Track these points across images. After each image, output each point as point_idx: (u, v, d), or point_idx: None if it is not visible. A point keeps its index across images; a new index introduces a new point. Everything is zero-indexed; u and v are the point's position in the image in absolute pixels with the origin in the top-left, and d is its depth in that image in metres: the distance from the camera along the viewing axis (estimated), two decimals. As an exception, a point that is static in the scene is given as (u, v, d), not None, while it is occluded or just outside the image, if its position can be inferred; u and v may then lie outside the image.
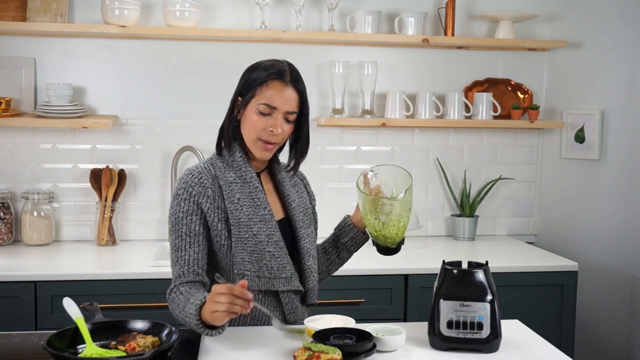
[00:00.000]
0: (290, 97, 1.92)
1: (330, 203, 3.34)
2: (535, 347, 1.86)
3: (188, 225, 1.89)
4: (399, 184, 1.95)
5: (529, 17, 3.39)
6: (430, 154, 3.51)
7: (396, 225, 1.92)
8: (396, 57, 3.45)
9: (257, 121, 1.90)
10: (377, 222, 1.93)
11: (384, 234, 1.93)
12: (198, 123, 3.30)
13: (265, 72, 1.91)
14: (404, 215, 1.92)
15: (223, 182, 1.92)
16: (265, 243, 1.92)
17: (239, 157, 1.95)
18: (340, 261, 2.17)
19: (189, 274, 1.87)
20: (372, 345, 1.71)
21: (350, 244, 2.11)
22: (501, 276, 2.52)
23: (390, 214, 1.91)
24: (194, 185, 1.91)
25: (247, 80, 1.94)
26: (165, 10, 3.10)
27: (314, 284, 2.02)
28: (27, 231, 3.13)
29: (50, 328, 2.29)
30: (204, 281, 1.90)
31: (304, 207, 2.07)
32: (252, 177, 1.95)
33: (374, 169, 1.99)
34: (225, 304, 1.66)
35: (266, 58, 2.00)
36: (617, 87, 3.18)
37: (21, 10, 3.09)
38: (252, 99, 1.91)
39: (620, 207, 3.15)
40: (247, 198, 1.92)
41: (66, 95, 3.08)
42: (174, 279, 1.89)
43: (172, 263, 1.91)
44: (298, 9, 3.20)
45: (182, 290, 1.84)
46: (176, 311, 1.83)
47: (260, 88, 1.90)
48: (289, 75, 1.92)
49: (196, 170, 1.94)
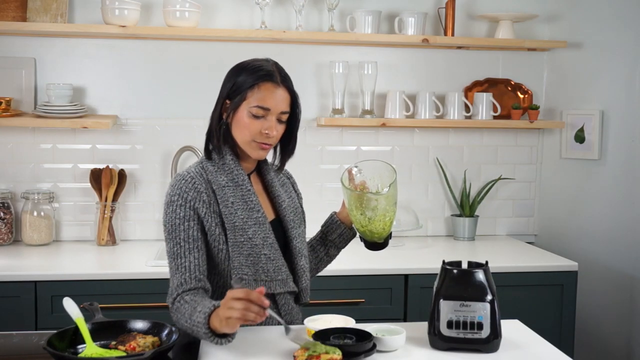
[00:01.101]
0: (282, 98, 1.91)
1: (330, 203, 3.31)
2: (535, 347, 1.86)
3: (186, 232, 1.85)
4: (384, 179, 1.95)
5: (529, 17, 3.39)
6: (430, 154, 3.51)
7: (382, 220, 1.93)
8: (396, 57, 3.45)
9: (250, 124, 1.88)
10: (363, 218, 1.93)
11: (370, 229, 1.94)
12: (198, 123, 3.30)
13: (254, 75, 1.89)
14: (390, 209, 1.93)
15: (216, 186, 1.90)
16: (260, 246, 1.90)
17: (229, 159, 1.93)
18: (329, 258, 2.16)
19: (191, 281, 1.82)
20: (372, 345, 1.71)
21: (338, 241, 2.11)
22: (501, 276, 2.52)
23: (376, 209, 1.91)
24: (188, 190, 1.87)
25: (234, 82, 1.91)
26: (165, 10, 3.10)
27: (307, 284, 2.02)
28: (27, 231, 3.13)
29: (50, 328, 2.29)
30: (206, 287, 1.85)
31: (294, 207, 2.06)
32: (244, 179, 1.93)
33: (358, 164, 1.99)
34: (239, 310, 1.60)
35: (266, 58, 2.00)
36: (617, 87, 3.18)
37: (21, 10, 3.09)
38: (242, 102, 1.89)
39: (620, 207, 3.15)
40: (240, 201, 1.90)
41: (66, 95, 3.08)
42: (175, 287, 1.83)
43: (172, 272, 1.85)
44: (298, 9, 3.20)
45: (187, 299, 1.79)
46: (181, 321, 1.78)
47: (252, 91, 1.88)
48: (279, 76, 1.91)
49: (188, 176, 1.90)
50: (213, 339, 1.69)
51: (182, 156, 3.26)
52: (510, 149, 3.58)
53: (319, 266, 2.17)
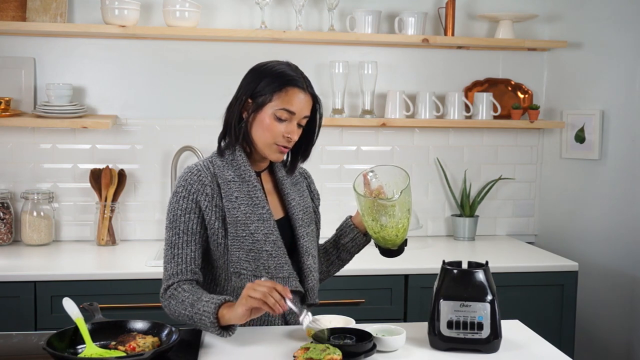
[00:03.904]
0: (307, 103, 1.93)
1: (330, 203, 3.33)
2: (535, 347, 1.86)
3: (186, 224, 1.89)
4: (399, 185, 1.92)
5: (529, 17, 3.39)
6: (430, 154, 3.51)
7: (395, 227, 1.91)
8: (396, 57, 3.45)
9: (273, 126, 1.90)
10: (375, 224, 1.91)
11: (383, 235, 1.93)
12: (198, 123, 3.30)
13: (282, 78, 1.90)
14: (403, 216, 1.91)
15: (222, 180, 1.92)
16: (262, 242, 1.91)
17: (239, 156, 1.95)
18: (340, 262, 2.16)
19: (186, 272, 1.88)
20: (372, 345, 1.71)
21: (350, 245, 2.10)
22: (501, 276, 2.52)
23: (388, 215, 1.89)
24: (193, 183, 1.91)
25: (259, 83, 1.91)
26: (165, 10, 3.10)
27: (314, 284, 2.02)
28: (27, 231, 3.13)
29: (50, 328, 2.29)
30: (200, 280, 1.91)
31: (304, 206, 2.07)
32: (251, 176, 1.94)
33: (374, 169, 1.97)
34: (262, 292, 1.67)
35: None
36: (617, 87, 3.18)
37: (21, 10, 3.09)
38: (267, 103, 1.90)
39: (620, 207, 3.15)
40: (245, 197, 1.92)
41: (66, 95, 3.08)
42: (170, 276, 1.88)
43: (167, 259, 1.90)
44: (298, 9, 3.20)
45: (186, 288, 1.85)
46: (178, 308, 1.82)
47: (279, 93, 1.89)
48: (304, 81, 1.93)
49: (195, 168, 1.94)
50: (217, 330, 1.75)
51: (182, 156, 3.26)
52: (511, 149, 3.57)
53: (330, 269, 2.16)
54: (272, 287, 1.69)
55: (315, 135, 2.03)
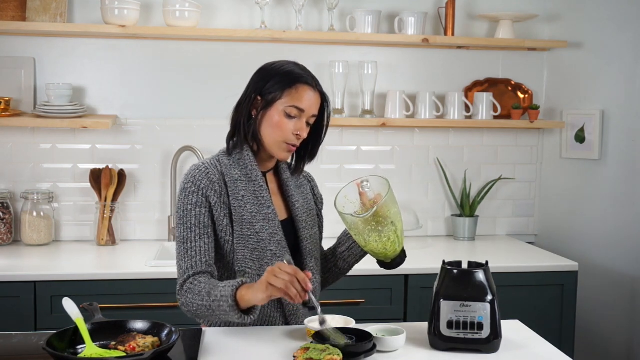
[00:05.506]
0: (316, 101, 1.94)
1: (330, 203, 3.32)
2: (535, 347, 1.86)
3: (197, 217, 1.89)
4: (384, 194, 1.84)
5: (529, 17, 3.39)
6: (431, 154, 3.51)
7: (379, 241, 1.85)
8: (396, 57, 3.45)
9: (282, 124, 1.90)
10: (360, 239, 1.87)
11: (370, 249, 1.89)
12: (198, 123, 3.30)
13: (292, 76, 1.91)
14: (387, 229, 1.83)
15: (229, 178, 1.93)
16: (267, 241, 1.92)
17: (246, 155, 1.95)
18: (338, 271, 2.13)
19: (201, 264, 1.86)
20: (372, 345, 1.71)
21: (347, 255, 2.08)
22: (501, 276, 2.52)
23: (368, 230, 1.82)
24: (201, 179, 1.91)
25: (269, 81, 1.92)
26: (165, 10, 3.10)
27: (316, 286, 2.01)
28: (26, 231, 3.13)
29: (50, 328, 2.30)
30: (214, 274, 1.89)
31: (308, 208, 2.07)
32: (257, 175, 1.95)
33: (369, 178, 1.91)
34: (285, 281, 1.66)
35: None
36: (617, 87, 3.18)
37: (21, 10, 3.08)
38: (277, 100, 1.90)
39: (620, 207, 3.15)
40: (251, 196, 1.92)
41: (66, 95, 3.08)
42: (185, 270, 1.86)
43: (181, 256, 1.88)
44: (298, 9, 3.20)
45: (202, 280, 1.83)
46: (196, 300, 1.81)
47: (289, 90, 1.90)
48: (314, 80, 1.95)
49: (203, 166, 1.94)
50: (237, 314, 1.74)
51: (182, 156, 3.26)
52: (511, 149, 3.57)
53: (327, 277, 2.14)
54: (294, 275, 1.68)
55: (323, 134, 2.03)
